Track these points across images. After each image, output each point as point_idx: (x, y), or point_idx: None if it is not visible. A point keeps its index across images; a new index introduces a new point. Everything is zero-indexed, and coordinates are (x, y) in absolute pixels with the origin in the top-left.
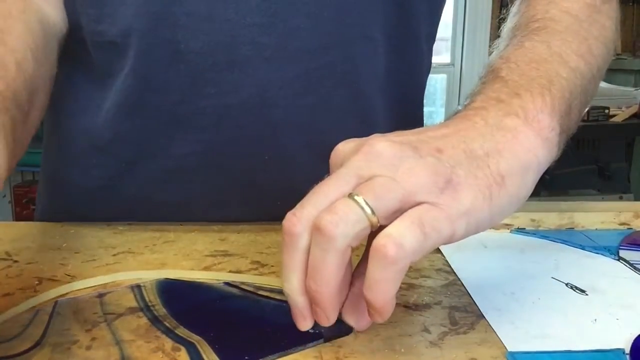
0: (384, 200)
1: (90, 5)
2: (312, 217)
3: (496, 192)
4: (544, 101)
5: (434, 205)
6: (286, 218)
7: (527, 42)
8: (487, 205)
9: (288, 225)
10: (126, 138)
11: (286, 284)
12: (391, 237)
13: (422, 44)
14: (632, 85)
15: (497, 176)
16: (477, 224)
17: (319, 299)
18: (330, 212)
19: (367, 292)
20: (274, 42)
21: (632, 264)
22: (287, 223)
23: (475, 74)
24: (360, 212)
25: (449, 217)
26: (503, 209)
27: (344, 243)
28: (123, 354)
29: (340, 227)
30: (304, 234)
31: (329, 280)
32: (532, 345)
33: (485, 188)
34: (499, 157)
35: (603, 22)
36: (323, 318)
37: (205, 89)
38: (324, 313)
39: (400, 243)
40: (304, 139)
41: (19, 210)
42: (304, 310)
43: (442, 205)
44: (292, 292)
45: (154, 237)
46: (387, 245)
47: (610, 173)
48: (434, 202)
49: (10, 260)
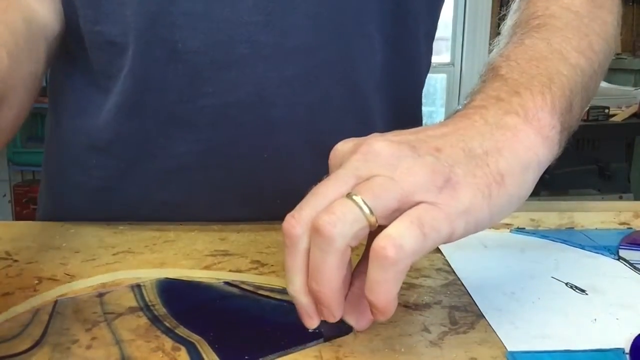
0: (382, 200)
1: (87, 6)
2: (311, 218)
3: (495, 191)
4: (544, 99)
5: (432, 205)
6: (285, 220)
7: (527, 40)
8: (487, 204)
9: (287, 227)
10: (126, 138)
11: (290, 286)
12: (391, 238)
13: (420, 42)
14: (632, 85)
15: (497, 175)
16: (476, 223)
17: (322, 299)
18: (328, 213)
19: (369, 293)
20: (271, 41)
21: (632, 264)
22: (287, 225)
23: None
24: (359, 211)
25: (448, 216)
26: (503, 208)
27: (342, 243)
28: (123, 353)
29: (338, 227)
30: (304, 236)
31: (330, 280)
32: (532, 345)
33: (484, 187)
34: (499, 156)
35: (604, 17)
36: (329, 315)
37: (203, 88)
38: (329, 311)
39: (400, 244)
40: (302, 138)
41: (19, 210)
42: (310, 309)
43: (440, 204)
44: (296, 293)
45: (154, 237)
46: (387, 247)
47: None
48: (433, 202)
49: (10, 259)
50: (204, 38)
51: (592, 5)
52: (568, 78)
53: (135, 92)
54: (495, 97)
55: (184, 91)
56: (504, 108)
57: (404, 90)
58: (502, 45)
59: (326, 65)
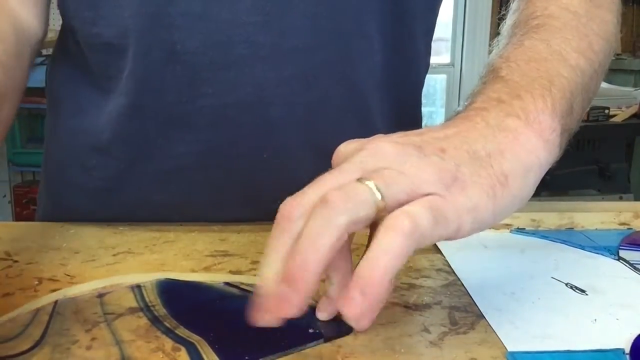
0: (392, 188)
1: (85, 8)
2: (312, 202)
3: (500, 191)
4: (544, 102)
5: (442, 197)
6: (284, 202)
7: (526, 41)
8: (492, 204)
9: (286, 209)
10: (126, 139)
11: (266, 269)
12: (408, 213)
13: (418, 41)
14: (632, 85)
15: (501, 176)
16: (481, 222)
17: (296, 272)
18: (339, 189)
19: (365, 263)
20: (269, 41)
21: (632, 264)
22: (285, 207)
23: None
24: (369, 194)
25: (457, 210)
26: (506, 208)
27: (346, 220)
28: (123, 354)
29: (349, 204)
30: (300, 220)
31: (320, 251)
32: (532, 345)
33: (489, 187)
34: (502, 158)
35: (603, 16)
36: (289, 304)
37: (202, 88)
38: (296, 293)
39: (415, 220)
40: (302, 137)
41: (19, 210)
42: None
43: (449, 199)
44: (270, 278)
45: (154, 237)
46: (404, 219)
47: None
48: (442, 195)
49: (10, 260)
50: (203, 39)
51: (591, 5)
52: (568, 80)
53: (134, 93)
54: (497, 99)
55: (183, 92)
56: (505, 110)
57: (403, 89)
58: (502, 46)
59: (325, 65)
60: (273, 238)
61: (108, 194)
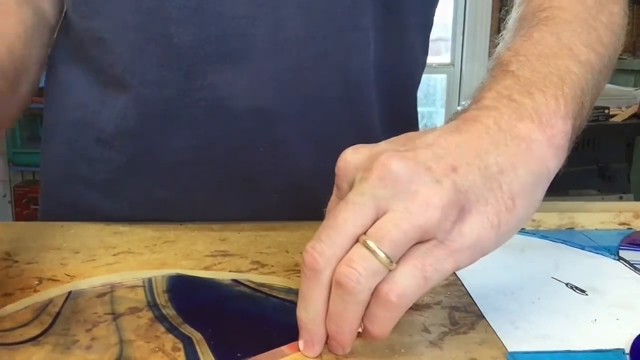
0: (400, 247)
1: (82, 3)
2: (332, 256)
3: (505, 217)
4: (557, 103)
5: (441, 242)
6: (307, 251)
7: (535, 33)
8: (494, 233)
9: (310, 261)
10: (127, 132)
11: (303, 313)
12: (395, 285)
13: (414, 34)
14: (632, 85)
15: (509, 200)
16: (482, 252)
17: (339, 340)
18: (349, 267)
19: (369, 324)
20: (264, 34)
21: (632, 264)
22: (309, 258)
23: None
24: (378, 263)
25: (453, 253)
26: (510, 233)
27: (365, 295)
28: (123, 354)
29: (362, 283)
30: (325, 272)
31: (350, 325)
32: (532, 346)
33: (494, 216)
34: (513, 174)
35: (610, 7)
36: (338, 349)
37: (198, 82)
38: (340, 347)
39: (402, 293)
40: (298, 129)
41: (19, 210)
42: (317, 340)
43: (448, 242)
44: (309, 322)
45: (154, 237)
46: (390, 293)
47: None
48: (442, 240)
49: (10, 260)
50: (198, 32)
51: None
52: (579, 77)
53: (132, 87)
54: (508, 97)
55: (179, 85)
56: (518, 112)
57: (398, 83)
58: (509, 39)
59: (319, 57)
60: (304, 285)
61: (110, 187)
